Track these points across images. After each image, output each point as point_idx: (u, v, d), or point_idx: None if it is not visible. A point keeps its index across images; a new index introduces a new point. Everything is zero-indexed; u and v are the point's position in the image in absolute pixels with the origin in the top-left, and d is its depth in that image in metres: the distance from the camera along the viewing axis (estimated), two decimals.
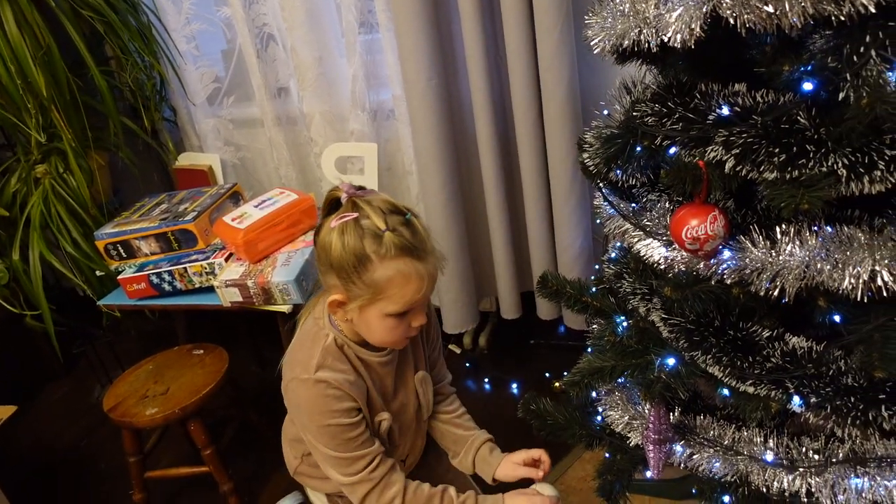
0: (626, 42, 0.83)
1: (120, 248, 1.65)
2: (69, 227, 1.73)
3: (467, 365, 2.01)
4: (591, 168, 0.99)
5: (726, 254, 0.85)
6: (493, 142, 1.54)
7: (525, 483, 1.06)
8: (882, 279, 0.77)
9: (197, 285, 1.56)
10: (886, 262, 0.78)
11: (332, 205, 0.88)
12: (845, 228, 0.81)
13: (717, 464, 0.97)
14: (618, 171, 1.01)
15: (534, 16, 1.38)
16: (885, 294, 0.78)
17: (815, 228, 0.82)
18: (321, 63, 1.70)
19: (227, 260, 1.53)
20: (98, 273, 1.78)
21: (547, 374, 1.89)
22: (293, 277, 1.41)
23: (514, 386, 1.89)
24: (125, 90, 1.88)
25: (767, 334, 0.89)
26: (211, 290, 1.53)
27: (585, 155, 0.99)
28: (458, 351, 2.05)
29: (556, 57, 1.37)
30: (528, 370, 1.93)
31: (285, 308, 1.45)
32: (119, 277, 1.60)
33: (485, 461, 1.08)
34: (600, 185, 1.06)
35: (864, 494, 0.88)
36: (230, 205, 1.70)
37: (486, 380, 1.94)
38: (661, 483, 1.40)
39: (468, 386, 1.94)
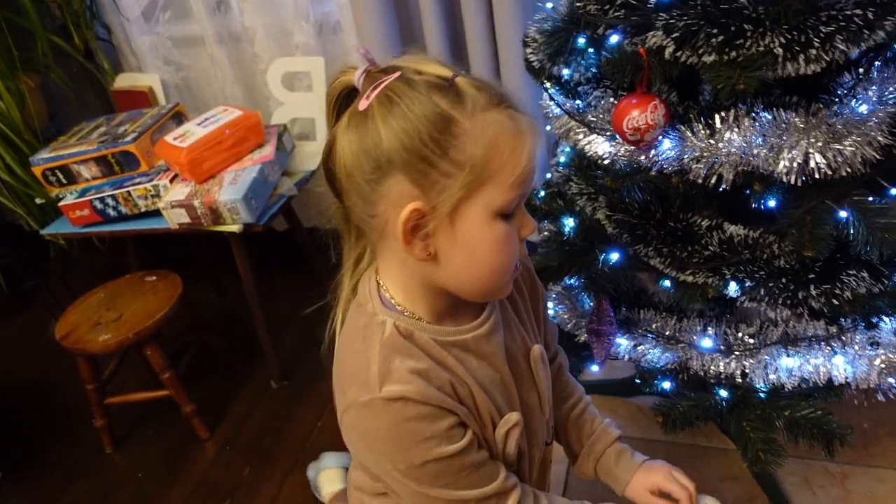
0: None
1: (59, 173, 1.58)
2: (1, 154, 1.65)
3: None
4: (535, 64, 0.97)
5: (666, 143, 0.85)
6: (444, 47, 1.50)
7: None
8: (815, 161, 0.79)
9: (143, 209, 1.51)
10: (819, 144, 0.79)
11: (343, 100, 0.61)
12: (783, 113, 0.82)
13: (659, 353, 1.01)
14: (562, 69, 0.99)
15: None
16: (817, 176, 0.80)
17: (754, 114, 0.82)
18: None
19: (172, 181, 1.48)
20: (38, 201, 1.72)
21: None
22: (241, 195, 1.37)
23: None
24: (51, 5, 1.76)
25: (706, 224, 0.91)
26: (158, 213, 1.50)
27: (529, 50, 0.97)
28: None
29: None
30: None
31: (235, 228, 1.42)
32: (60, 204, 1.55)
33: (609, 473, 0.81)
34: (546, 83, 1.04)
35: (793, 373, 0.93)
36: (173, 125, 1.63)
37: None
38: (608, 382, 1.46)
39: None
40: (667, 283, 0.97)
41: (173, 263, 1.69)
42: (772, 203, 0.86)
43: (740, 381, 0.95)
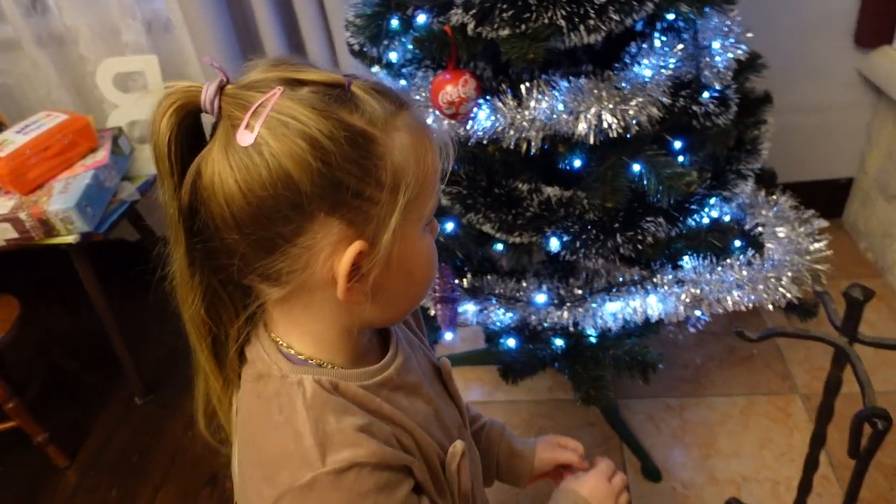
0: None
1: None
2: None
3: None
4: (355, 48, 1.00)
5: (481, 114, 0.92)
6: (280, 40, 1.49)
7: None
8: (607, 121, 0.88)
9: None
10: (611, 107, 0.88)
11: (184, 135, 0.47)
12: (581, 80, 0.91)
13: (503, 313, 1.08)
14: (389, 52, 1.03)
15: None
16: (612, 135, 0.89)
17: (555, 82, 0.90)
18: None
19: None
20: None
21: None
22: (73, 203, 1.30)
23: None
24: None
25: (526, 188, 0.99)
26: None
27: (349, 34, 1.00)
28: None
29: None
30: None
31: (71, 238, 1.34)
32: None
33: (509, 473, 0.76)
34: (372, 67, 1.08)
35: (617, 316, 1.03)
36: None
37: None
38: (474, 353, 1.53)
39: None
40: (499, 246, 1.04)
41: (10, 285, 1.56)
42: (577, 163, 0.94)
43: (573, 329, 1.03)
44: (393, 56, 1.05)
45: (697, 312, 1.04)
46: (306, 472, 0.46)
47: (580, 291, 1.05)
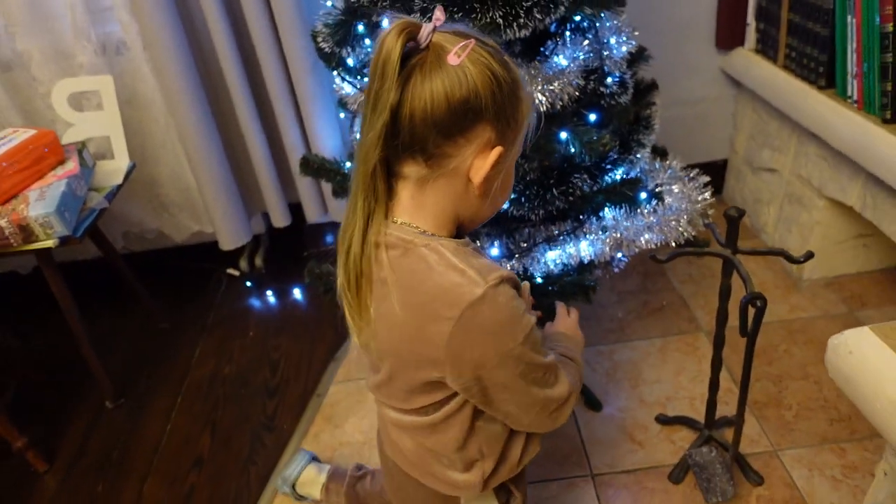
0: None
1: None
2: None
3: (248, 284, 2.13)
4: (326, 50, 1.19)
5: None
6: (233, 56, 1.65)
7: None
8: (538, 99, 1.11)
9: None
10: (540, 87, 1.12)
11: (404, 57, 0.64)
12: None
13: None
14: (348, 56, 1.23)
15: None
16: (543, 110, 1.12)
17: None
18: None
19: None
20: None
21: (318, 284, 2.10)
22: (54, 208, 1.39)
23: (297, 290, 2.07)
24: None
25: None
26: None
27: (320, 40, 1.19)
28: (237, 274, 2.15)
29: None
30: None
31: (51, 243, 1.42)
32: None
33: None
34: (336, 70, 1.27)
35: (556, 261, 1.26)
36: None
37: (270, 292, 2.09)
38: None
39: (253, 303, 2.06)
40: None
41: None
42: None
43: (523, 275, 1.25)
44: (350, 61, 1.25)
45: (619, 254, 1.29)
46: (478, 289, 0.67)
47: (525, 245, 1.27)
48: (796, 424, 1.42)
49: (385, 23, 1.11)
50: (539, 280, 1.27)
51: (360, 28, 1.15)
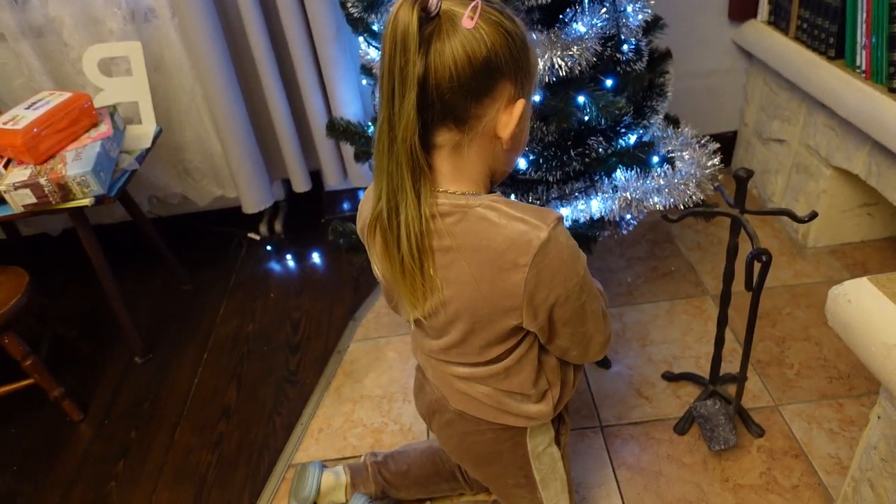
0: None
1: None
2: None
3: (268, 248, 2.20)
4: (355, 15, 1.24)
5: None
6: (259, 24, 1.70)
7: None
8: (558, 64, 1.16)
9: None
10: (559, 53, 1.17)
11: (420, 24, 0.66)
12: (533, 34, 1.19)
13: None
14: (374, 22, 1.28)
15: None
16: (562, 74, 1.17)
17: None
18: None
19: (6, 167, 1.50)
20: None
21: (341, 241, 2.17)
22: (90, 168, 1.45)
23: (315, 255, 2.14)
24: None
25: None
26: None
27: (349, 4, 1.24)
28: (257, 238, 2.22)
29: None
30: (325, 241, 2.18)
31: (87, 201, 1.49)
32: None
33: None
34: (363, 34, 1.32)
35: (568, 217, 1.32)
36: None
37: (289, 256, 2.16)
38: None
39: (273, 266, 2.13)
40: None
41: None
42: (537, 98, 1.23)
43: None
44: (376, 27, 1.30)
45: (628, 216, 1.35)
46: (542, 233, 0.72)
47: (538, 202, 1.33)
48: (797, 382, 1.49)
49: None
50: None
51: None
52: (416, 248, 0.74)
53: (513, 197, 1.32)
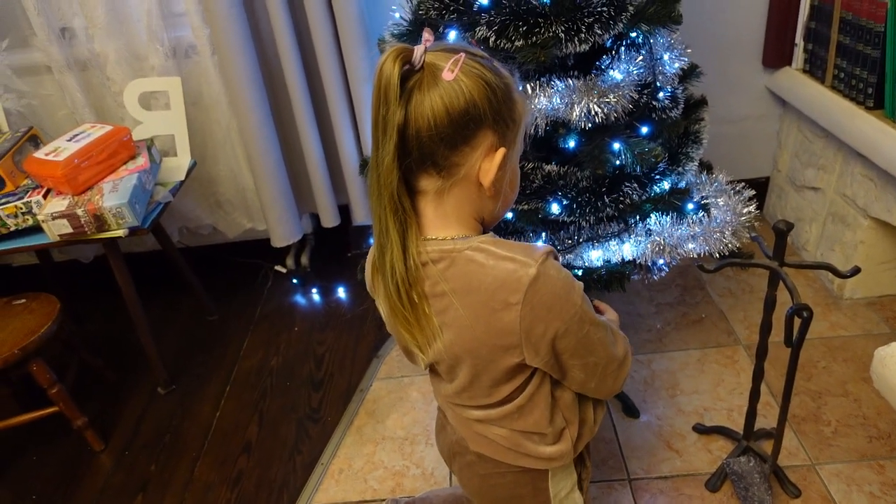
0: None
1: None
2: None
3: (294, 281, 2.21)
4: None
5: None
6: (296, 63, 1.73)
7: None
8: (594, 110, 1.16)
9: (12, 228, 1.53)
10: (595, 100, 1.17)
11: (402, 80, 0.69)
12: (570, 81, 1.19)
13: None
14: None
15: None
16: (598, 121, 1.17)
17: (553, 82, 1.18)
18: None
19: (45, 196, 1.53)
20: None
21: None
22: (126, 200, 1.48)
23: (341, 289, 2.14)
24: None
25: (531, 165, 1.25)
26: (29, 232, 1.53)
27: (386, 47, 1.25)
28: (283, 271, 2.23)
29: None
30: (350, 276, 2.18)
31: (121, 232, 1.51)
32: None
33: None
34: None
35: (597, 257, 1.30)
36: (30, 147, 1.66)
37: (315, 290, 2.16)
38: None
39: (298, 300, 2.14)
40: (509, 215, 1.29)
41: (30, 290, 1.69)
42: (572, 144, 1.22)
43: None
44: None
45: (661, 260, 1.32)
46: (531, 269, 0.72)
47: (570, 241, 1.32)
48: (835, 440, 1.43)
49: (451, 35, 1.17)
50: (578, 272, 1.32)
51: None
52: (406, 293, 0.76)
53: (543, 237, 1.31)
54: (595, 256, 1.27)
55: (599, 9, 1.12)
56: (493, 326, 0.76)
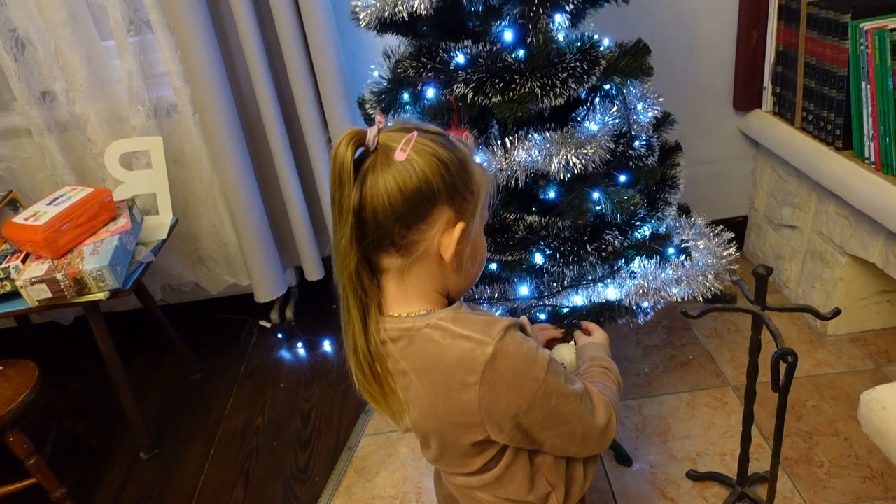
0: (386, 13, 1.14)
1: None
2: None
3: (279, 336, 2.18)
4: (372, 116, 1.28)
5: (478, 160, 1.20)
6: (277, 118, 1.75)
7: None
8: (572, 161, 1.18)
9: None
10: (573, 151, 1.19)
11: (357, 163, 0.71)
12: (548, 134, 1.22)
13: (500, 311, 1.33)
14: (393, 118, 1.31)
15: (300, 6, 1.62)
16: (576, 171, 1.19)
17: (531, 136, 1.21)
18: (90, 62, 1.73)
19: (24, 261, 1.51)
20: None
21: None
22: (107, 262, 1.46)
23: (327, 342, 2.11)
24: None
25: (513, 216, 1.26)
26: (7, 297, 1.51)
27: (367, 106, 1.28)
28: (268, 325, 2.20)
29: (324, 41, 1.63)
30: (336, 328, 2.14)
31: (102, 295, 1.49)
32: None
33: None
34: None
35: (582, 298, 1.30)
36: (10, 212, 1.65)
37: (300, 344, 2.13)
38: None
39: (284, 355, 2.11)
40: (494, 266, 1.30)
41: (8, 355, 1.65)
42: (552, 194, 1.24)
43: (551, 309, 1.30)
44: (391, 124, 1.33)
45: (645, 303, 1.33)
46: (487, 348, 0.71)
47: (555, 285, 1.32)
48: (829, 482, 1.42)
49: (429, 93, 1.20)
50: (565, 310, 1.32)
51: (405, 97, 1.24)
52: (369, 368, 0.77)
53: (527, 285, 1.31)
54: (579, 301, 1.28)
55: (573, 64, 1.16)
56: (452, 406, 0.75)
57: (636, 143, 1.32)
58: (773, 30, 1.81)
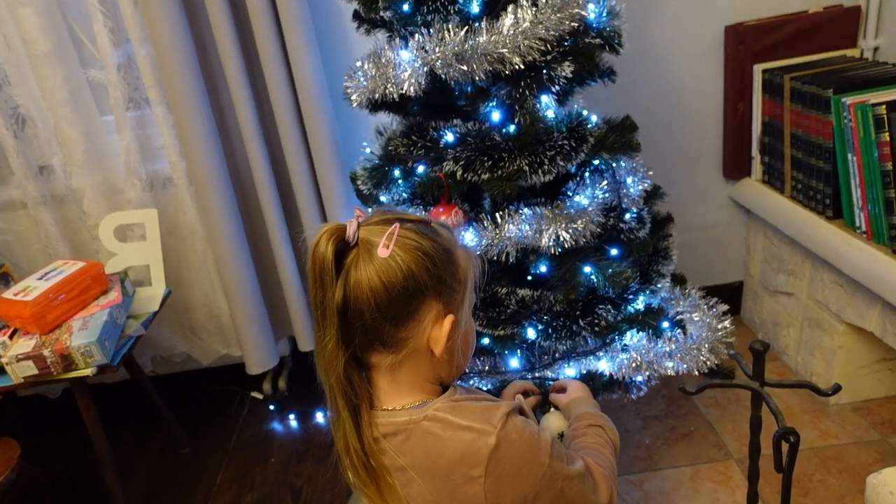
0: (377, 95, 1.16)
1: None
2: None
3: (271, 408, 2.13)
4: (364, 192, 1.29)
5: (468, 236, 1.20)
6: (272, 191, 1.76)
7: None
8: (563, 236, 1.18)
9: None
10: (563, 225, 1.19)
11: (338, 258, 0.69)
12: (538, 209, 1.22)
13: (484, 384, 1.30)
14: (384, 194, 1.33)
15: (295, 84, 1.66)
16: (567, 246, 1.19)
17: (521, 211, 1.21)
18: (89, 137, 1.76)
19: (11, 337, 1.49)
20: None
21: None
22: (95, 338, 1.44)
23: (319, 414, 2.07)
24: None
25: (504, 291, 1.26)
26: None
27: (359, 182, 1.29)
28: (260, 397, 2.16)
29: (318, 117, 1.66)
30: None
31: (89, 371, 1.46)
32: None
33: None
34: (369, 208, 1.36)
35: (574, 370, 1.28)
36: (1, 286, 1.64)
37: (292, 416, 2.09)
38: None
39: (275, 427, 2.06)
40: (486, 340, 1.28)
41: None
42: (543, 269, 1.23)
43: (542, 382, 1.27)
44: (384, 199, 1.34)
45: (639, 377, 1.31)
46: (490, 438, 0.69)
47: (546, 357, 1.30)
48: None
49: (419, 170, 1.21)
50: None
51: (396, 173, 1.25)
52: (363, 467, 0.73)
53: (517, 357, 1.29)
54: (571, 373, 1.25)
55: (561, 142, 1.17)
56: (458, 499, 0.72)
57: (627, 217, 1.33)
58: (758, 102, 1.85)
